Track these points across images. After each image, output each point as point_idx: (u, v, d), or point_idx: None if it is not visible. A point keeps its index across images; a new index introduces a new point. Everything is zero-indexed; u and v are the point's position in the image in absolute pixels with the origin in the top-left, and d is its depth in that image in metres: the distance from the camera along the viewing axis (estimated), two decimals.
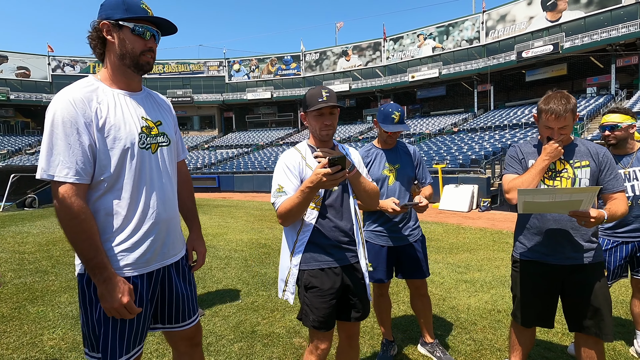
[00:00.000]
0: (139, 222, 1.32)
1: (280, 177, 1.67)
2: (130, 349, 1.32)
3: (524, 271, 1.96)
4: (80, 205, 1.20)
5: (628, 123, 2.35)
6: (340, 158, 1.43)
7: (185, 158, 1.66)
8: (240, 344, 2.77)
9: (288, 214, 1.58)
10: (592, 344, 1.84)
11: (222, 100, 41.26)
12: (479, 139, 22.05)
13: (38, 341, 2.83)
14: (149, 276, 1.37)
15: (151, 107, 1.44)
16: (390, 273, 2.47)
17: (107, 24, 1.29)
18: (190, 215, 1.66)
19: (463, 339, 2.80)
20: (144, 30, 1.30)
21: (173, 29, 1.40)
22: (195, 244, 1.65)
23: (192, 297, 1.54)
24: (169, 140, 1.45)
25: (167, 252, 1.42)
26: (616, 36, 23.55)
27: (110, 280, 1.22)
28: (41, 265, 5.13)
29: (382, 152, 2.45)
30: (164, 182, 1.40)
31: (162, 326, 1.50)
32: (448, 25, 34.36)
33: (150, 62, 1.35)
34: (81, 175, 1.21)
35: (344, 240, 1.71)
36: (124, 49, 1.30)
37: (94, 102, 1.25)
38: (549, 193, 1.63)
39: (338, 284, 1.68)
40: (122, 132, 1.28)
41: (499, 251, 5.74)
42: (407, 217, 2.43)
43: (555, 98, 1.78)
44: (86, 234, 1.20)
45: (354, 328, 1.83)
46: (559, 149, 1.79)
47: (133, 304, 1.27)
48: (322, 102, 1.61)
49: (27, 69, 39.37)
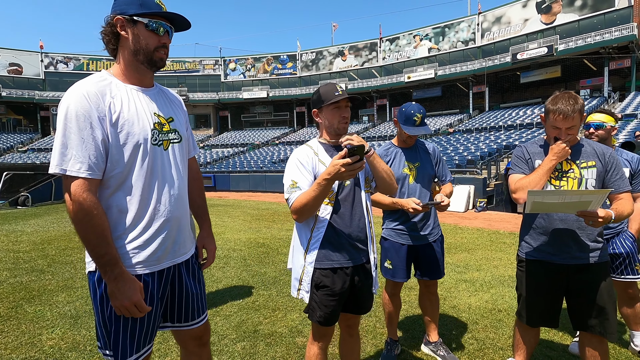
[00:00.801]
0: (151, 220, 1.30)
1: (294, 172, 1.66)
2: (141, 347, 1.31)
3: (530, 270, 1.97)
4: (92, 200, 1.18)
5: (611, 125, 2.45)
6: (359, 147, 1.42)
7: (196, 155, 1.64)
8: (243, 343, 2.76)
9: (304, 208, 1.57)
10: (597, 343, 1.85)
11: (217, 99, 41.08)
12: (475, 139, 22.19)
13: (37, 341, 2.79)
14: (159, 274, 1.35)
15: (163, 103, 1.43)
16: (409, 272, 2.45)
17: (121, 19, 1.27)
18: (201, 212, 1.65)
19: (465, 338, 2.81)
20: (158, 26, 1.29)
21: (187, 24, 1.38)
22: (205, 242, 1.64)
23: (201, 296, 1.53)
24: (180, 137, 1.43)
25: (177, 250, 1.40)
26: (609, 39, 23.86)
27: (121, 277, 1.21)
28: (37, 264, 5.06)
29: (402, 150, 2.43)
30: (176, 179, 1.39)
31: (171, 325, 1.48)
32: (444, 27, 34.54)
33: (164, 59, 1.34)
34: (94, 170, 1.19)
35: (358, 237, 1.71)
36: (138, 44, 1.28)
37: (107, 96, 1.24)
38: (559, 194, 1.63)
39: (348, 284, 1.69)
40: (136, 128, 1.26)
41: (496, 251, 5.78)
42: (427, 216, 2.42)
43: (563, 98, 1.79)
44: (98, 230, 1.18)
45: (355, 319, 1.88)
46: (566, 149, 1.79)
47: (143, 302, 1.25)
48: (339, 95, 1.63)
49: (20, 65, 38.84)
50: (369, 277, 1.78)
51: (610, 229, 2.40)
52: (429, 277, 2.46)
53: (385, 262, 2.48)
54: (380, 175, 1.76)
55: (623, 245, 2.37)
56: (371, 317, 3.22)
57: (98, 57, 41.34)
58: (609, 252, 2.39)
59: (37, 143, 36.91)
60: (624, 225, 2.44)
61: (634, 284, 2.43)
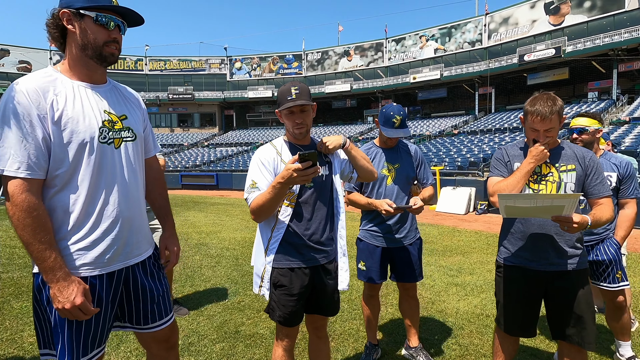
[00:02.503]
0: (97, 220, 1.27)
1: (254, 172, 1.65)
2: (88, 351, 1.28)
3: (507, 276, 1.92)
4: (32, 201, 1.14)
5: (595, 127, 2.37)
6: (311, 154, 1.41)
7: (158, 153, 1.62)
8: (222, 344, 2.73)
9: (260, 209, 1.58)
10: (575, 353, 1.80)
11: (223, 98, 41.21)
12: (479, 141, 21.99)
13: (18, 337, 2.79)
14: (109, 276, 1.32)
15: (116, 100, 1.38)
16: (384, 274, 2.42)
17: (67, 12, 1.22)
18: (163, 212, 1.62)
19: (449, 344, 2.75)
20: (107, 20, 1.25)
21: (140, 20, 1.35)
22: (167, 242, 1.60)
23: (163, 297, 1.49)
24: (134, 135, 1.39)
25: (130, 252, 1.37)
26: (619, 41, 23.46)
27: (63, 280, 1.17)
28: (31, 260, 5.08)
29: (382, 151, 2.40)
30: (128, 179, 1.35)
31: (130, 326, 1.45)
32: (450, 27, 34.28)
33: (115, 54, 1.29)
34: (34, 170, 1.15)
35: (316, 239, 1.71)
36: (85, 39, 1.24)
37: (50, 93, 1.20)
38: (530, 198, 1.59)
39: (306, 284, 1.69)
40: (81, 126, 1.22)
41: (492, 254, 5.70)
42: (403, 219, 2.38)
43: (542, 99, 1.75)
44: (40, 232, 1.14)
45: (321, 320, 1.86)
46: (544, 152, 1.75)
47: (88, 304, 1.21)
48: (291, 100, 1.58)
49: (29, 63, 39.38)
50: (332, 277, 1.76)
51: (595, 235, 2.33)
52: (404, 280, 2.42)
53: (359, 263, 2.44)
54: (359, 164, 1.80)
55: (607, 252, 2.30)
56: (355, 320, 3.18)
57: None
58: (592, 259, 2.33)
59: None
60: (610, 231, 2.37)
61: (621, 292, 2.35)
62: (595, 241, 2.34)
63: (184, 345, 2.70)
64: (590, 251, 2.34)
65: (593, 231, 2.31)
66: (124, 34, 1.33)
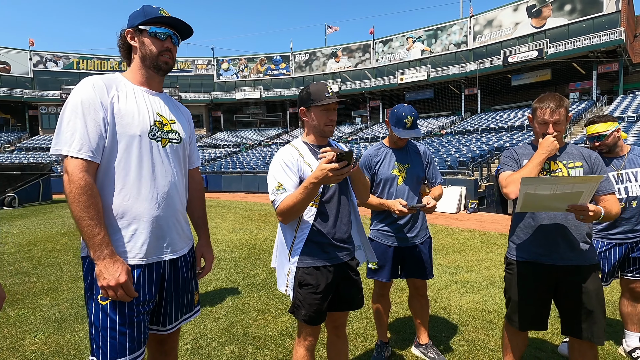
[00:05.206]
0: (137, 210, 1.33)
1: (279, 174, 1.65)
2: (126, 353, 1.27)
3: (520, 273, 1.95)
4: (88, 180, 1.23)
5: (612, 129, 2.39)
6: (347, 153, 1.44)
7: (198, 167, 1.68)
8: (231, 346, 2.71)
9: (290, 210, 1.57)
10: (587, 349, 1.83)
11: (210, 100, 40.81)
12: (467, 141, 22.38)
13: (19, 346, 2.71)
14: (149, 268, 1.36)
15: (168, 107, 1.50)
16: (395, 273, 2.45)
17: (130, 30, 1.42)
18: (201, 222, 1.68)
19: (456, 340, 2.80)
20: (159, 32, 1.41)
21: (189, 30, 1.49)
22: (204, 250, 1.65)
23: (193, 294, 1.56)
24: (180, 139, 1.49)
25: (169, 246, 1.42)
26: (597, 43, 24.28)
27: (110, 258, 1.24)
28: (22, 266, 4.94)
29: (392, 151, 2.43)
30: (171, 177, 1.42)
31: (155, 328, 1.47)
32: (436, 29, 34.79)
33: (169, 62, 1.43)
34: (94, 154, 1.26)
35: (340, 237, 1.73)
36: (143, 50, 1.41)
37: (113, 89, 1.34)
38: (552, 182, 1.59)
39: (330, 282, 1.70)
40: (135, 120, 1.34)
41: (487, 252, 5.81)
42: (414, 218, 2.41)
43: (550, 95, 1.87)
44: (92, 210, 1.22)
45: (341, 319, 1.87)
46: (554, 143, 1.81)
47: (131, 285, 1.26)
48: (329, 97, 1.64)
49: (7, 63, 38.09)
50: (356, 273, 1.81)
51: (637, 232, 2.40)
52: (415, 277, 2.45)
53: (369, 263, 2.46)
54: (359, 187, 1.82)
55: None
56: (362, 319, 3.20)
57: (88, 56, 40.79)
58: (637, 255, 2.41)
59: (24, 142, 36.24)
60: None
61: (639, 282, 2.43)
62: (638, 238, 2.41)
63: (193, 348, 2.68)
64: (635, 248, 2.42)
65: (634, 228, 2.39)
66: (177, 45, 1.48)
